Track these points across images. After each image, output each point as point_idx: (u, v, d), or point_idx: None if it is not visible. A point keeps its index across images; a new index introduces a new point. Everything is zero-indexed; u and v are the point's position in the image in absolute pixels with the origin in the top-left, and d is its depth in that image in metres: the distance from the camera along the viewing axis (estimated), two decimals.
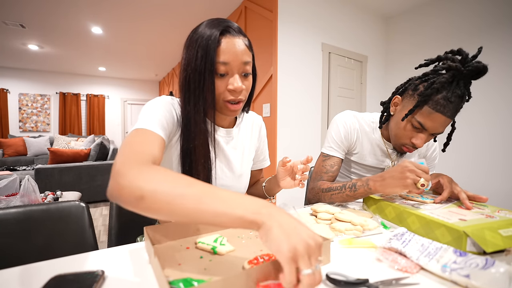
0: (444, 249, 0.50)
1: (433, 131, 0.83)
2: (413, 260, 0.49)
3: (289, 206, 0.67)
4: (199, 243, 0.56)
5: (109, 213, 0.91)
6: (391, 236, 0.56)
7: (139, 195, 0.40)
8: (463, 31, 2.56)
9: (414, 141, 0.85)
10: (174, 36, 4.05)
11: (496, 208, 0.70)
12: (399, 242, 0.54)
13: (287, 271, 0.32)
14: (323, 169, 0.99)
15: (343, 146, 1.01)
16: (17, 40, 4.25)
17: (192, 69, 0.59)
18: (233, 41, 0.58)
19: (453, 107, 0.77)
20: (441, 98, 0.77)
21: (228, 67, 0.59)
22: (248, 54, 0.61)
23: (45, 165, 3.11)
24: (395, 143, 0.95)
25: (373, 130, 1.02)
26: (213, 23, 0.59)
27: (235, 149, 0.76)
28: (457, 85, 0.76)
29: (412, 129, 0.85)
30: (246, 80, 0.63)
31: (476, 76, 0.75)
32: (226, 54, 0.58)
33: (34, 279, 0.43)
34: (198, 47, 0.57)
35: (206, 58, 0.56)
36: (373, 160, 1.03)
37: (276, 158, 2.48)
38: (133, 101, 7.52)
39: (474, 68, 0.73)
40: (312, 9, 2.65)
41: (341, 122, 1.01)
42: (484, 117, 2.43)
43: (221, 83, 0.61)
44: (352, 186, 0.84)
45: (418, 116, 0.82)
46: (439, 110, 0.78)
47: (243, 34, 0.62)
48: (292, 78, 2.54)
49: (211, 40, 0.56)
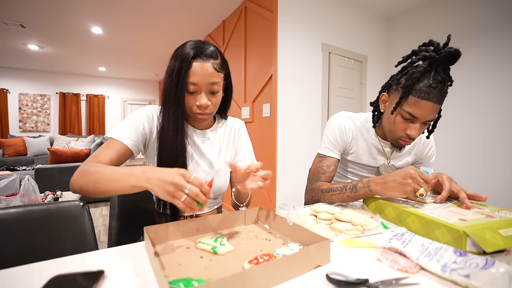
0: (444, 249, 0.50)
1: (424, 119, 0.84)
2: (413, 260, 0.49)
3: (289, 206, 0.67)
4: (199, 243, 0.56)
5: (109, 213, 0.91)
6: (391, 236, 0.56)
7: (78, 187, 0.63)
8: (463, 31, 2.56)
9: (409, 132, 0.87)
10: (174, 36, 4.05)
11: (496, 208, 0.70)
12: (399, 242, 0.54)
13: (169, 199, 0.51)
14: (320, 170, 1.00)
15: (339, 146, 1.02)
16: (17, 40, 4.25)
17: (168, 84, 0.71)
18: (202, 65, 0.69)
19: (437, 92, 0.80)
20: (423, 86, 0.80)
21: (197, 86, 0.71)
22: (216, 75, 0.72)
23: (45, 165, 3.11)
24: (391, 138, 0.96)
25: (368, 130, 1.03)
26: (193, 45, 0.70)
27: (211, 148, 0.87)
28: (436, 71, 0.80)
29: (403, 121, 0.88)
30: (214, 97, 0.75)
31: (452, 61, 0.79)
32: (195, 76, 0.69)
33: (34, 279, 0.43)
34: (174, 66, 0.69)
35: (179, 78, 0.69)
36: (368, 159, 1.04)
37: (276, 158, 2.48)
38: (133, 101, 7.51)
39: (447, 53, 0.77)
40: (312, 9, 2.65)
41: (335, 122, 1.03)
42: (479, 117, 2.44)
43: (191, 99, 0.73)
44: (353, 187, 0.85)
45: (405, 107, 0.85)
46: (424, 97, 0.81)
47: (215, 57, 0.72)
48: (292, 78, 2.54)
49: (184, 63, 0.68)
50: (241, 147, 0.93)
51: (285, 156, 2.51)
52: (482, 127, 2.43)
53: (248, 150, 0.95)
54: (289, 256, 0.44)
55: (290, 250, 0.52)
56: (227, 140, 0.91)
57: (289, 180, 2.53)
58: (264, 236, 0.63)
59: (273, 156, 2.51)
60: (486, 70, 2.40)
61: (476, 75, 2.47)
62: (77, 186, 0.63)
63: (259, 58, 2.71)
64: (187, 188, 0.50)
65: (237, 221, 0.69)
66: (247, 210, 0.71)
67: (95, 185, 0.60)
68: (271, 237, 0.62)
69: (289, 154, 2.53)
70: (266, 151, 2.60)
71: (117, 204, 0.91)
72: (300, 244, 0.56)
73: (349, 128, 1.03)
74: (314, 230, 0.57)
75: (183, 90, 0.70)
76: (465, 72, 2.52)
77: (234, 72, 3.21)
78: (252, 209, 0.71)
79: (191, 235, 0.61)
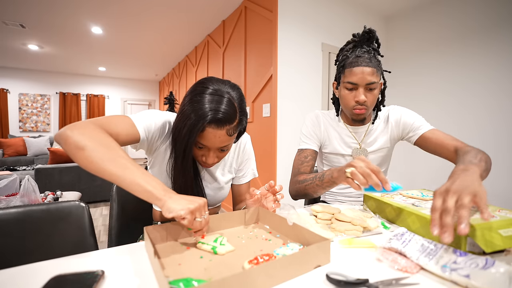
0: (444, 249, 0.50)
1: (363, 82, 0.94)
2: (413, 260, 0.49)
3: (288, 206, 0.67)
4: (199, 243, 0.56)
5: (109, 213, 0.91)
6: (391, 236, 0.56)
7: (81, 146, 0.53)
8: (463, 31, 2.56)
9: (356, 98, 0.96)
10: (174, 36, 4.05)
11: (497, 208, 0.70)
12: (399, 242, 0.54)
13: (188, 221, 0.51)
14: (298, 162, 1.06)
15: (314, 138, 1.09)
16: (17, 40, 4.25)
17: (178, 132, 0.67)
18: (215, 132, 0.65)
19: (364, 59, 0.93)
20: (352, 58, 0.96)
21: (206, 148, 0.70)
22: (228, 139, 0.69)
23: (45, 165, 3.11)
24: (348, 114, 1.04)
25: (337, 121, 1.12)
26: (211, 102, 0.64)
27: (216, 165, 0.86)
28: (361, 48, 0.98)
29: (349, 92, 0.98)
30: (222, 153, 0.73)
31: (371, 39, 0.99)
32: (206, 141, 0.67)
33: (34, 279, 0.43)
34: (188, 119, 0.64)
35: (190, 135, 0.64)
36: (343, 147, 1.08)
37: (276, 158, 2.48)
38: (133, 101, 7.51)
39: (363, 33, 0.99)
40: (312, 9, 2.65)
41: (308, 118, 1.13)
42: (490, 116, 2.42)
43: (199, 152, 0.71)
44: (321, 176, 0.88)
45: (344, 78, 0.99)
46: (355, 65, 0.94)
47: (231, 121, 0.66)
48: (292, 78, 2.54)
49: (199, 124, 0.63)
50: (245, 162, 0.93)
51: (285, 156, 2.51)
52: (481, 127, 2.43)
53: (251, 165, 0.95)
54: (289, 256, 0.44)
55: (290, 250, 0.52)
56: (232, 156, 0.90)
57: (289, 180, 2.53)
58: (264, 236, 0.63)
59: (273, 156, 2.50)
60: (487, 70, 2.40)
61: (476, 75, 2.47)
62: (77, 138, 0.53)
63: (259, 58, 2.71)
64: (206, 214, 0.56)
65: (237, 221, 0.69)
66: (247, 210, 0.71)
67: (102, 157, 0.53)
68: (271, 237, 0.62)
69: (289, 154, 2.53)
70: (266, 151, 2.60)
71: (117, 204, 0.91)
72: (300, 244, 0.56)
73: (320, 120, 1.11)
74: (314, 230, 0.57)
75: (192, 145, 0.67)
76: (465, 72, 2.52)
77: (234, 72, 3.21)
78: (252, 209, 0.71)
79: (191, 235, 0.61)
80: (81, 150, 0.53)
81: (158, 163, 0.79)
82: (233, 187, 0.96)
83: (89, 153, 0.53)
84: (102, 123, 0.61)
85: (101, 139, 0.56)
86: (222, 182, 0.87)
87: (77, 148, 0.53)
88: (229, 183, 0.92)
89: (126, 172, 0.52)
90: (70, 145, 0.54)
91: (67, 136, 0.54)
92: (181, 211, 0.50)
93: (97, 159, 0.52)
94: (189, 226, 0.52)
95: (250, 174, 0.95)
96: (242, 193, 0.94)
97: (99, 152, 0.53)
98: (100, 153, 0.53)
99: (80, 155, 0.53)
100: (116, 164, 0.53)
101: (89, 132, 0.55)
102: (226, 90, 0.67)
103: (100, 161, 0.52)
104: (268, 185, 0.70)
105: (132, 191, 0.52)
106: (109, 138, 0.57)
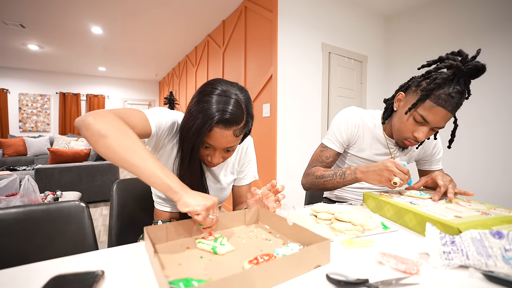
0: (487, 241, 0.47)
1: (435, 125, 0.86)
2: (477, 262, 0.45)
3: (288, 206, 0.67)
4: (199, 243, 0.56)
5: (109, 213, 0.91)
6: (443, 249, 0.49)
7: (104, 133, 0.53)
8: (463, 31, 2.56)
9: (416, 134, 0.89)
10: (174, 36, 4.05)
11: (493, 206, 0.71)
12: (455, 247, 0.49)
13: (202, 217, 0.53)
14: (319, 159, 1.06)
15: (342, 140, 1.05)
16: (17, 40, 4.25)
17: (186, 131, 0.67)
18: (222, 132, 0.66)
19: (453, 102, 0.81)
20: (443, 93, 0.81)
21: (212, 147, 0.70)
22: (235, 140, 0.69)
23: (45, 165, 3.11)
24: (397, 138, 0.97)
25: (375, 125, 1.05)
26: (219, 103, 0.64)
27: (219, 167, 0.87)
28: (458, 82, 0.81)
29: (414, 123, 0.89)
30: (227, 153, 0.74)
31: (476, 75, 0.80)
32: (213, 141, 0.67)
33: (34, 279, 0.43)
34: (196, 119, 0.64)
35: (198, 135, 0.65)
36: (370, 153, 1.06)
37: (276, 158, 2.48)
38: (133, 101, 7.51)
39: (474, 66, 0.78)
40: (312, 9, 2.65)
41: (343, 117, 1.05)
42: (483, 117, 2.43)
43: (205, 152, 0.72)
44: (342, 173, 0.92)
45: (420, 109, 0.86)
46: (441, 104, 0.82)
47: (238, 122, 0.66)
48: (292, 78, 2.54)
49: (206, 124, 0.63)
50: (246, 164, 0.93)
51: (285, 156, 2.51)
52: (487, 127, 2.42)
53: (253, 167, 0.95)
54: (289, 256, 0.44)
55: (290, 250, 0.52)
56: (234, 158, 0.91)
57: (289, 180, 2.53)
58: (264, 236, 0.63)
59: (273, 156, 2.50)
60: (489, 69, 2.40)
61: None
62: (100, 126, 0.54)
63: (259, 58, 2.71)
64: (217, 212, 0.59)
65: (237, 221, 0.69)
66: (247, 210, 0.71)
67: (125, 146, 0.53)
68: (271, 237, 0.62)
69: (289, 154, 2.53)
70: (266, 151, 2.60)
71: (117, 204, 0.91)
72: (300, 244, 0.56)
73: (356, 123, 1.04)
74: (314, 230, 0.57)
75: (200, 144, 0.68)
76: None
77: (234, 72, 3.21)
78: (252, 209, 0.71)
79: (191, 235, 0.61)
80: (103, 138, 0.53)
81: (164, 161, 0.79)
82: (233, 189, 0.96)
83: (112, 141, 0.53)
84: (121, 114, 0.61)
85: (123, 129, 0.56)
86: (225, 183, 0.88)
87: (99, 135, 0.53)
88: (231, 185, 0.93)
89: (147, 163, 0.53)
90: (92, 131, 0.54)
91: (89, 122, 0.54)
92: (198, 207, 0.52)
93: (120, 148, 0.53)
94: (201, 222, 0.54)
95: (251, 176, 0.95)
96: (242, 195, 0.95)
97: (122, 141, 0.54)
98: (122, 142, 0.54)
99: (102, 143, 0.53)
100: (137, 155, 0.53)
101: (112, 121, 0.56)
102: (234, 91, 0.67)
103: (122, 150, 0.53)
104: (270, 184, 0.71)
105: (150, 182, 0.54)
106: (130, 130, 0.58)
